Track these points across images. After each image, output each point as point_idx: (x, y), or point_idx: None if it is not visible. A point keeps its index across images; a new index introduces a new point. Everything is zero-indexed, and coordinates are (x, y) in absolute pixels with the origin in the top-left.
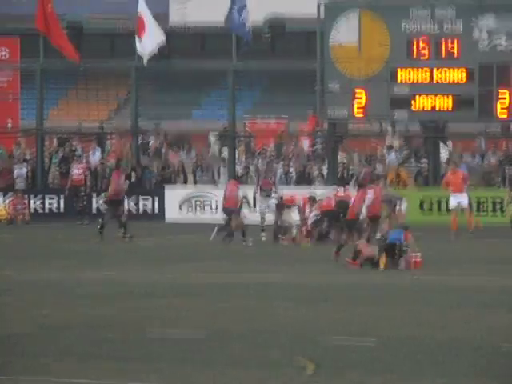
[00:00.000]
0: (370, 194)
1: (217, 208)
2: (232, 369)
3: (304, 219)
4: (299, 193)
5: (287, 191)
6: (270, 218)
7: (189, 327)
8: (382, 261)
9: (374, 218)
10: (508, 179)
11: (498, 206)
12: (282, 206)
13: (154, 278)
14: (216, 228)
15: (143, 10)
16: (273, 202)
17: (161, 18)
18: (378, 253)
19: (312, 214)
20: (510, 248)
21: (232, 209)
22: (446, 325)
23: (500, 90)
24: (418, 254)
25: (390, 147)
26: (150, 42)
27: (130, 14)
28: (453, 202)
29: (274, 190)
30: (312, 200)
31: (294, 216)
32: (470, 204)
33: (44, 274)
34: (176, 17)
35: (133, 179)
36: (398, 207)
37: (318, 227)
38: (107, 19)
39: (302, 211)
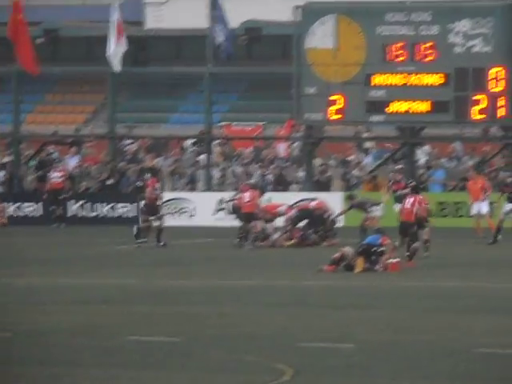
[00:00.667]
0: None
1: (194, 213)
2: (209, 374)
3: (287, 224)
4: (276, 196)
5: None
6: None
7: (166, 332)
8: (359, 264)
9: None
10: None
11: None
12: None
13: (131, 284)
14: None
15: (116, 16)
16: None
17: (136, 23)
18: (354, 256)
19: (292, 212)
20: (485, 252)
21: (251, 214)
22: (423, 329)
23: (476, 94)
24: (396, 258)
25: (367, 150)
26: (118, 49)
27: (107, 20)
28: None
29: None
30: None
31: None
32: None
33: (20, 279)
34: (152, 22)
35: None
36: (372, 213)
37: (302, 231)
38: (84, 25)
39: (286, 218)
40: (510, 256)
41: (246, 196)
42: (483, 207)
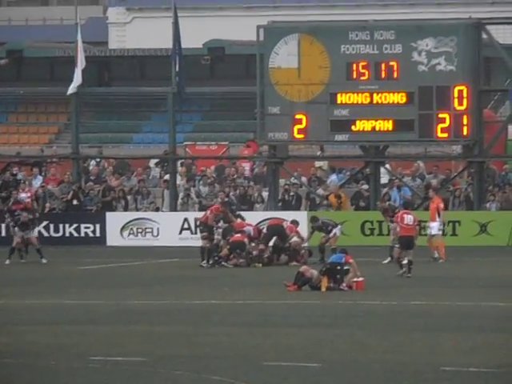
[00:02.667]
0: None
1: (158, 233)
2: None
3: (256, 244)
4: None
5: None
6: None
7: (132, 352)
8: (324, 283)
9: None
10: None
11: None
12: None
13: (96, 304)
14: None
15: (79, 38)
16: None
17: (100, 43)
18: (319, 275)
19: (264, 231)
20: (450, 269)
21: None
22: (388, 348)
23: (440, 112)
24: (360, 277)
25: (333, 169)
26: (79, 71)
27: (69, 40)
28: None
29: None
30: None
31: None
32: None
33: None
34: (115, 42)
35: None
36: (332, 233)
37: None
38: (47, 46)
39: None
40: (474, 274)
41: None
42: (433, 228)
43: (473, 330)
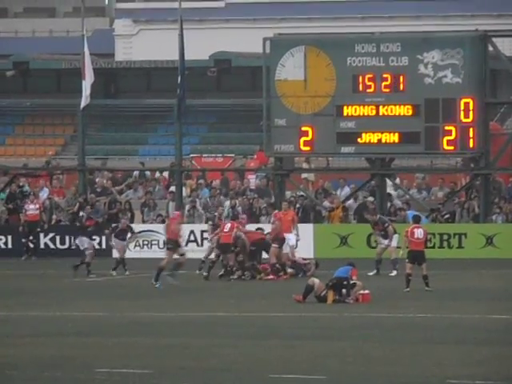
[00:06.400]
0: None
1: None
2: None
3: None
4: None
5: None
6: None
7: (138, 364)
8: (330, 296)
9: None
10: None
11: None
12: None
13: (101, 316)
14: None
15: (85, 50)
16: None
17: (106, 55)
18: (320, 283)
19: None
20: (456, 282)
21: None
22: (394, 360)
23: (446, 125)
24: (366, 290)
25: (344, 181)
26: (88, 83)
27: (76, 52)
28: None
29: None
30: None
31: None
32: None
33: None
34: (122, 54)
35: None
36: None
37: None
38: (54, 58)
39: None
40: (480, 287)
41: (226, 227)
42: (290, 240)
43: (479, 343)
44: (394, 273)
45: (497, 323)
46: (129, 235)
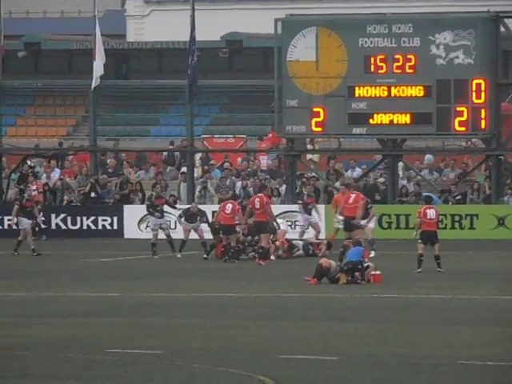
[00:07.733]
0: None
1: (175, 226)
2: None
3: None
4: None
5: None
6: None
7: (149, 345)
8: (343, 278)
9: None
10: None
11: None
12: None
13: (113, 297)
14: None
15: (97, 31)
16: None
17: (118, 36)
18: (337, 267)
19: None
20: (468, 263)
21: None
22: (406, 341)
23: (458, 106)
24: (378, 271)
25: (354, 163)
26: (99, 64)
27: (87, 33)
28: None
29: None
30: None
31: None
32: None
33: (1, 293)
34: (133, 35)
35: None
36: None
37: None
38: (65, 39)
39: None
40: (491, 267)
41: (228, 208)
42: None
43: (490, 324)
44: (373, 253)
45: (508, 304)
46: (198, 219)
